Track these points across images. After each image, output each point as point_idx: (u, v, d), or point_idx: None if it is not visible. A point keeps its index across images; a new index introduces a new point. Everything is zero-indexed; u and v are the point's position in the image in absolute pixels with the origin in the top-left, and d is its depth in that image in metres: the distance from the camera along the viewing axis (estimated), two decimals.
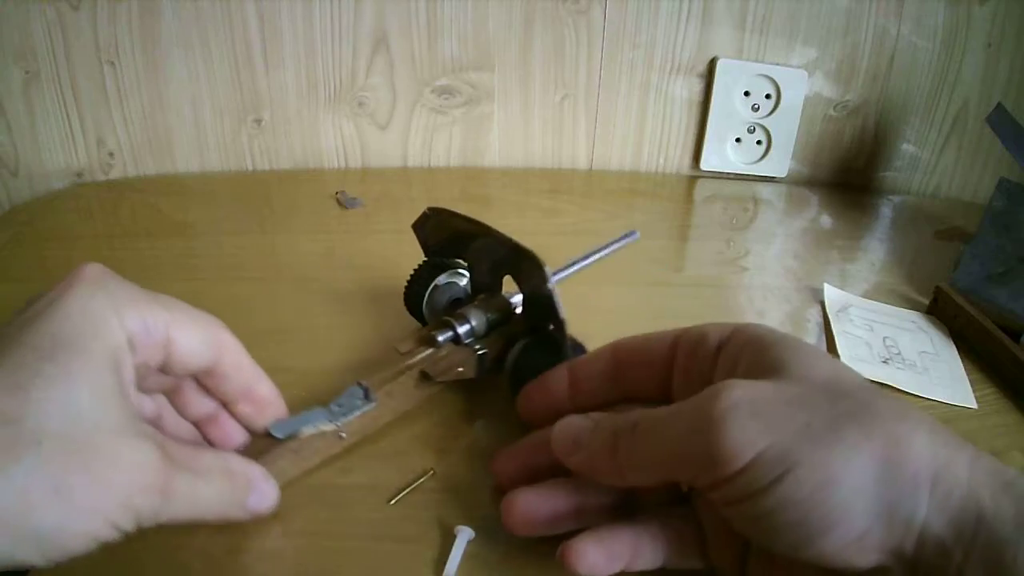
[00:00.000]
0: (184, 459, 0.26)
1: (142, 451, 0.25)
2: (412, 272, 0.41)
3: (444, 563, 0.30)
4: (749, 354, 0.27)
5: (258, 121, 0.69)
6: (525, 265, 0.35)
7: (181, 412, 0.31)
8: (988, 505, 0.22)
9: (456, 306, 0.39)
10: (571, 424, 0.29)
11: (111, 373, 0.25)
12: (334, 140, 0.71)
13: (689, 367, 0.30)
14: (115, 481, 0.24)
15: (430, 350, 0.36)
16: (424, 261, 0.41)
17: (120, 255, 0.55)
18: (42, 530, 0.22)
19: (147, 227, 0.60)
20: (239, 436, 0.32)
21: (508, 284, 0.38)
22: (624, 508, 0.30)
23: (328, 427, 0.32)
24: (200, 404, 0.31)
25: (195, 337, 0.29)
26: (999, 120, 0.57)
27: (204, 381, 0.31)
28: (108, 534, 0.23)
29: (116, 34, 0.63)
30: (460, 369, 0.36)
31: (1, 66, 0.62)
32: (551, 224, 0.63)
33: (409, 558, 0.31)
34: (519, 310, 0.39)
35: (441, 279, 0.40)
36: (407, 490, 0.33)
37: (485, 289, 0.40)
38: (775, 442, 0.22)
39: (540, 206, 0.66)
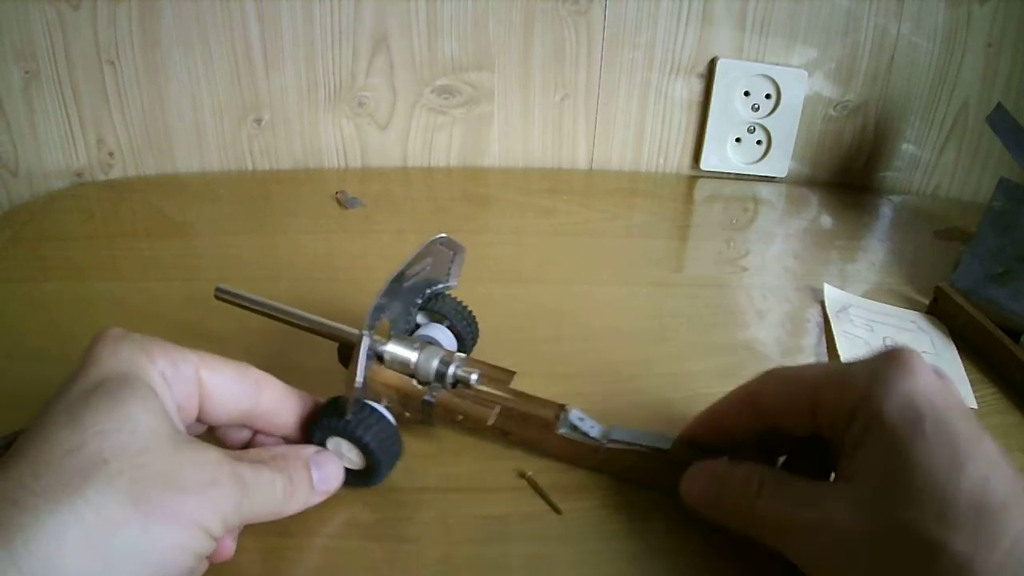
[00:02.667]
0: (239, 455, 0.27)
1: (204, 450, 0.25)
2: None
3: (444, 563, 0.30)
4: (867, 435, 0.25)
5: (258, 121, 0.69)
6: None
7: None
8: None
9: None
10: (695, 474, 0.31)
11: (155, 396, 0.26)
12: (334, 140, 0.71)
13: (832, 427, 0.28)
14: (189, 481, 0.24)
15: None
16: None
17: (120, 255, 0.55)
18: (131, 546, 0.22)
19: (147, 227, 0.60)
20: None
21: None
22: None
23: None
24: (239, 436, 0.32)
25: (227, 375, 0.29)
26: (999, 120, 0.57)
27: (251, 425, 0.31)
28: (200, 542, 0.24)
29: (116, 34, 0.63)
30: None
31: (1, 66, 0.62)
32: (551, 224, 0.63)
33: (409, 558, 0.31)
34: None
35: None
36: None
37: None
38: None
39: (540, 206, 0.66)
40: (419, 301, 0.38)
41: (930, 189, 0.76)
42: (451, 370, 0.33)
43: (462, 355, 0.35)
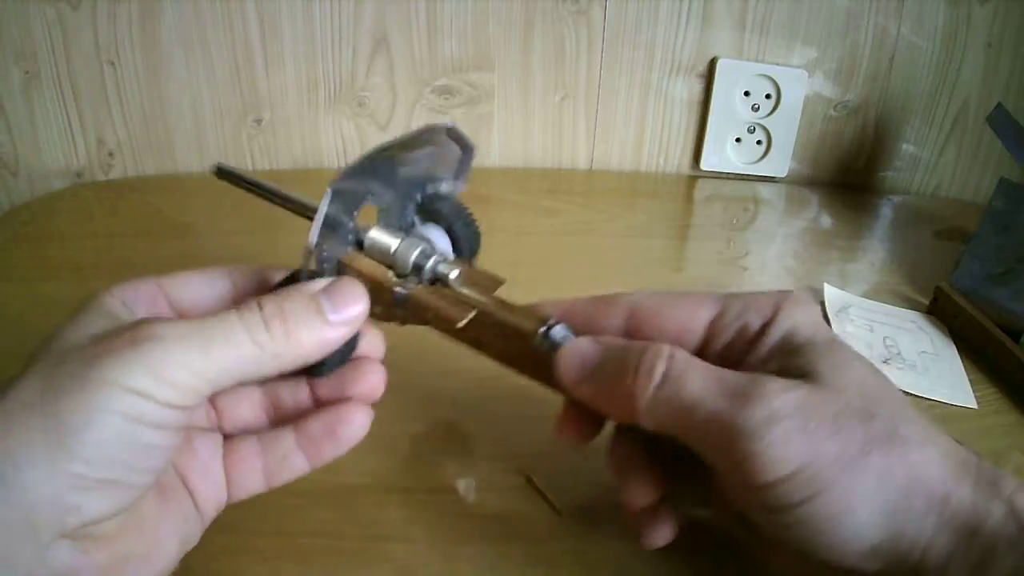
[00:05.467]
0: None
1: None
2: None
3: (444, 563, 0.30)
4: (784, 348, 0.27)
5: (258, 121, 0.69)
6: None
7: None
8: (984, 518, 0.23)
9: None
10: (580, 348, 0.27)
11: (105, 314, 0.26)
12: (334, 140, 0.71)
13: (728, 347, 0.28)
14: (99, 348, 0.23)
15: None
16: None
17: (120, 255, 0.55)
18: (44, 425, 0.21)
19: (147, 227, 0.60)
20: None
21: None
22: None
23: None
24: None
25: (191, 280, 0.29)
26: (999, 120, 0.57)
27: None
28: (131, 404, 0.22)
29: (116, 34, 0.63)
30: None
31: (1, 66, 0.62)
32: (551, 224, 0.62)
33: (409, 558, 0.31)
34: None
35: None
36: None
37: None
38: (811, 462, 0.23)
39: (540, 206, 0.66)
40: (418, 197, 0.33)
41: (930, 189, 0.76)
42: (431, 263, 0.30)
43: (451, 254, 0.32)
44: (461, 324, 0.28)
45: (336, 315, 0.25)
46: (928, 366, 0.46)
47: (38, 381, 0.22)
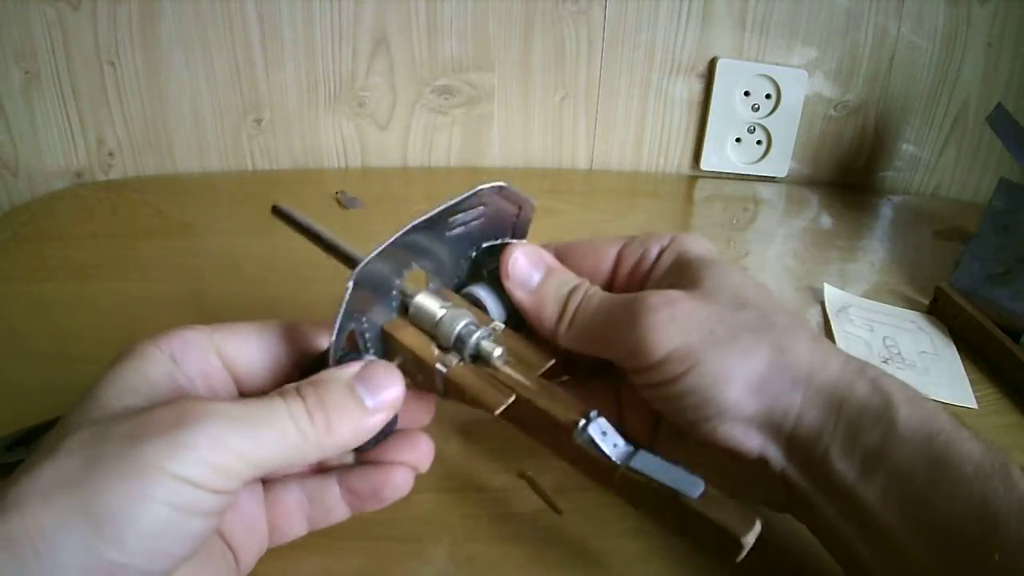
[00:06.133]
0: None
1: (187, 397, 0.24)
2: None
3: (445, 563, 0.30)
4: (676, 267, 0.31)
5: (258, 121, 0.69)
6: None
7: None
8: (849, 393, 0.27)
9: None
10: (531, 258, 0.31)
11: (150, 369, 0.25)
12: (334, 140, 0.71)
13: (632, 274, 0.33)
14: (149, 426, 0.22)
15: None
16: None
17: (120, 255, 0.55)
18: (89, 503, 0.20)
19: (147, 227, 0.60)
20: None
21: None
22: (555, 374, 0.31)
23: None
24: None
25: (244, 334, 0.28)
26: (999, 120, 0.57)
27: None
28: (174, 492, 0.21)
29: (116, 34, 0.63)
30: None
31: (1, 66, 0.62)
32: (551, 224, 0.62)
33: (409, 558, 0.31)
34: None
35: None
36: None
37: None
38: (685, 343, 0.27)
39: (540, 206, 0.65)
40: (472, 254, 0.32)
41: (930, 189, 0.76)
42: (474, 339, 0.28)
43: (500, 324, 0.30)
44: (497, 412, 0.27)
45: (373, 401, 0.25)
46: (928, 366, 0.46)
47: (80, 456, 0.21)
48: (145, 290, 0.50)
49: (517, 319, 0.32)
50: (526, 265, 0.31)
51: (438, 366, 0.28)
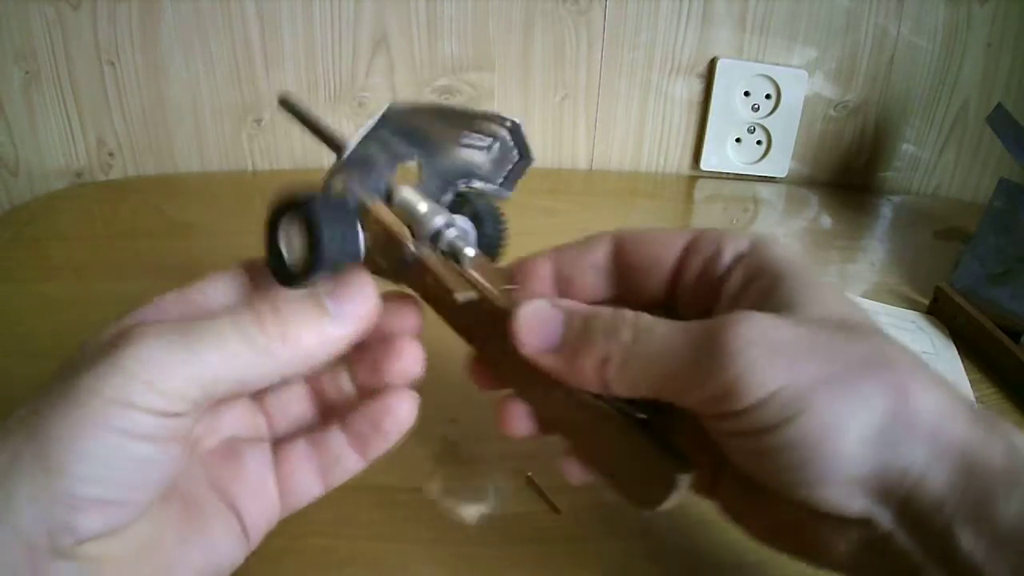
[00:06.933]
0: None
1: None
2: None
3: (445, 563, 0.30)
4: (763, 282, 0.26)
5: (258, 121, 0.69)
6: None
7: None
8: (982, 455, 0.22)
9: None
10: (541, 313, 0.25)
11: None
12: None
13: (700, 279, 0.28)
14: (84, 359, 0.22)
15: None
16: None
17: (120, 255, 0.55)
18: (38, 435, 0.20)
19: (147, 227, 0.60)
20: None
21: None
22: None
23: None
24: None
25: (218, 281, 0.27)
26: (999, 120, 0.57)
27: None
28: (121, 419, 0.21)
29: (116, 34, 0.63)
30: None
31: (1, 66, 0.62)
32: (551, 224, 0.63)
33: (410, 558, 0.31)
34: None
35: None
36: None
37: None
38: (791, 383, 0.22)
39: (540, 206, 0.66)
40: (460, 184, 0.32)
41: (930, 189, 0.76)
42: (451, 233, 0.28)
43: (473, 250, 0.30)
44: (460, 299, 0.26)
45: (336, 305, 0.24)
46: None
47: (40, 392, 0.21)
48: (145, 290, 0.50)
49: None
50: (536, 321, 0.25)
51: (409, 245, 0.27)
